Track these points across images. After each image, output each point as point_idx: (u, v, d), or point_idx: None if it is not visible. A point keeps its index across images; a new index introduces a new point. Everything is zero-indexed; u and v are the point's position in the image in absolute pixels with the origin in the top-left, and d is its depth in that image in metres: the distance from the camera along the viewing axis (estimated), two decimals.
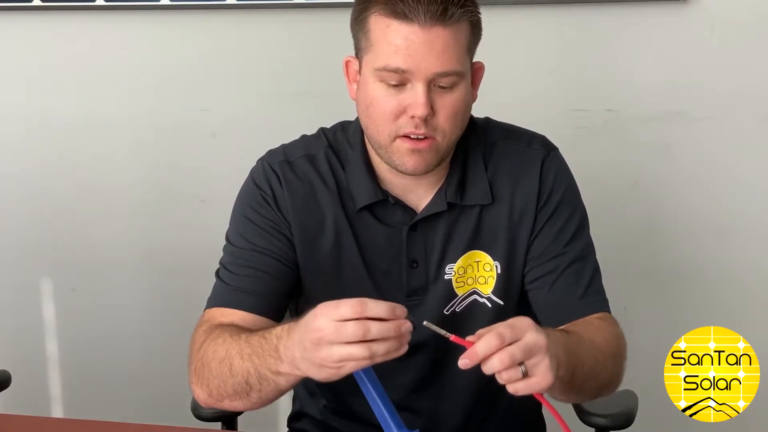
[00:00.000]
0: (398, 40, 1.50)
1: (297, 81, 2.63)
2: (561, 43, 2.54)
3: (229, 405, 1.53)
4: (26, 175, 2.83)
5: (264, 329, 1.46)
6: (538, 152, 1.68)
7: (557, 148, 1.71)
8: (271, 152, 1.70)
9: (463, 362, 1.28)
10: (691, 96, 2.51)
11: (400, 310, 1.28)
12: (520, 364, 1.27)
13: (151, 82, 2.73)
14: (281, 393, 1.46)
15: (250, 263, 1.63)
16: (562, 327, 1.55)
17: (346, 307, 1.27)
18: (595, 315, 1.61)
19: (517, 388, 1.29)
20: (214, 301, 1.65)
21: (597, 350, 1.51)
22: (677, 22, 2.47)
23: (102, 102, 2.76)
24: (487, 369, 1.27)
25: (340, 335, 1.27)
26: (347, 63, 1.62)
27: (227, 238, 1.70)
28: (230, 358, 1.46)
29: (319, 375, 1.32)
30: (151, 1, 2.67)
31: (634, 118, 2.54)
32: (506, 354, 1.26)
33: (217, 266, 1.71)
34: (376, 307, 1.27)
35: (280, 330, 1.40)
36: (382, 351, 1.27)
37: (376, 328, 1.26)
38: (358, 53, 1.59)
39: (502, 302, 1.66)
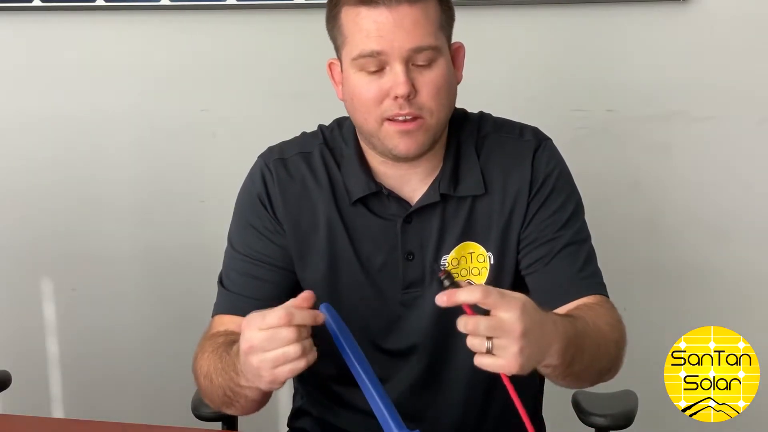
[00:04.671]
0: (368, 24, 1.53)
1: (297, 81, 2.63)
2: (561, 43, 2.54)
3: (226, 411, 1.60)
4: (26, 175, 2.83)
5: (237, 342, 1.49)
6: (530, 142, 1.69)
7: (550, 138, 1.72)
8: (270, 149, 1.74)
9: (441, 299, 1.29)
10: (691, 96, 2.51)
11: (320, 316, 1.34)
12: (489, 338, 1.27)
13: (151, 82, 2.73)
14: (258, 402, 1.52)
15: (250, 272, 1.67)
16: (568, 311, 1.55)
17: (273, 317, 1.32)
18: (592, 298, 1.61)
19: (481, 362, 1.28)
20: (217, 308, 1.70)
21: (600, 336, 1.51)
22: (677, 22, 2.47)
23: (102, 102, 2.76)
24: (459, 326, 1.28)
25: (273, 341, 1.32)
26: (330, 66, 1.66)
27: (229, 240, 1.72)
28: (210, 374, 1.54)
29: (260, 383, 1.38)
30: (151, 1, 2.67)
31: (634, 118, 2.54)
32: (472, 320, 1.27)
33: (219, 267, 1.73)
34: (301, 316, 1.32)
35: (237, 345, 1.43)
36: (308, 345, 1.33)
37: (304, 330, 1.33)
38: (338, 52, 1.62)
39: None
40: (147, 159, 2.78)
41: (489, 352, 1.28)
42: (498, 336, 1.27)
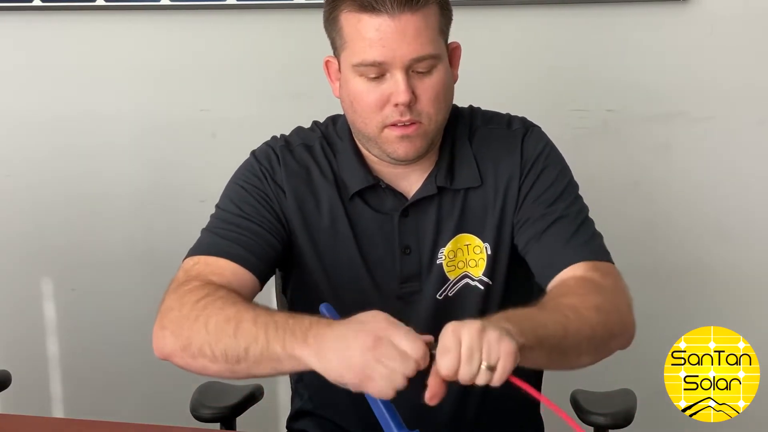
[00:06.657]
0: (370, 33, 1.53)
1: (297, 81, 2.63)
2: (561, 43, 2.54)
3: (201, 365, 1.46)
4: (26, 175, 2.83)
5: (287, 312, 1.44)
6: (518, 131, 1.70)
7: (538, 126, 1.72)
8: (273, 138, 1.74)
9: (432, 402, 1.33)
10: (691, 96, 2.51)
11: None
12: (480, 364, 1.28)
13: (150, 82, 2.73)
14: (267, 375, 1.42)
15: (238, 227, 1.63)
16: (552, 286, 1.56)
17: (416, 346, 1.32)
18: (582, 266, 1.59)
19: (495, 380, 1.29)
20: (200, 249, 1.63)
21: (566, 308, 1.46)
22: (677, 22, 2.47)
23: (102, 102, 2.76)
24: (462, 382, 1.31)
25: (405, 362, 1.32)
26: (327, 63, 1.66)
27: (216, 206, 1.70)
28: (240, 320, 1.41)
29: (346, 372, 1.31)
30: (151, 1, 2.67)
31: (634, 118, 2.54)
32: (464, 375, 1.29)
33: None
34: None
35: (313, 318, 1.38)
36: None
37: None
38: (336, 52, 1.62)
39: (490, 282, 1.68)
40: (147, 159, 2.78)
41: (493, 368, 1.29)
42: (477, 351, 1.29)
